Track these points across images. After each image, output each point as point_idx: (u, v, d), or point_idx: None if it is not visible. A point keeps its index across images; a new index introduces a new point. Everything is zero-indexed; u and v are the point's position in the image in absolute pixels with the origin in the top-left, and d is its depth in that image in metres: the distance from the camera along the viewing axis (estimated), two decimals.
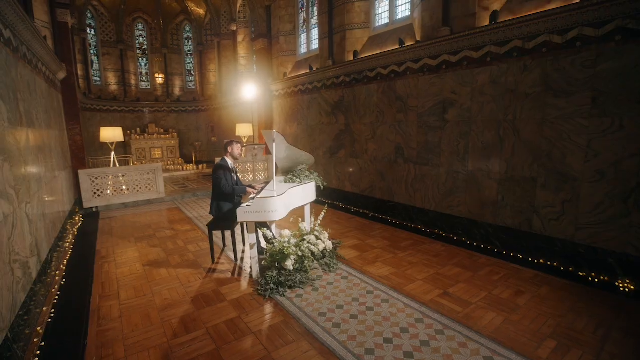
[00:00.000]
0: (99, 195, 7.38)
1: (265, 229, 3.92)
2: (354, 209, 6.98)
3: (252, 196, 4.05)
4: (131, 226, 6.20)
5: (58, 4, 6.50)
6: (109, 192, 7.55)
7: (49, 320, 3.17)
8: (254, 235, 3.81)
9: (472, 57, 4.66)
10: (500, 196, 4.55)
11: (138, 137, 13.55)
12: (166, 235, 5.64)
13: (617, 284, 3.47)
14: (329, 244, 4.31)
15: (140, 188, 7.91)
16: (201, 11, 13.80)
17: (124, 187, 7.72)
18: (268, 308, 3.28)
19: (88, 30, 12.54)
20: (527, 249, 4.27)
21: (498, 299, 3.27)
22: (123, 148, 13.58)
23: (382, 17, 6.57)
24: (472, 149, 4.83)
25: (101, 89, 13.28)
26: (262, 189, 4.22)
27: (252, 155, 9.42)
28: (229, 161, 4.42)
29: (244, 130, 10.00)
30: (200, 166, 13.33)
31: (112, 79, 13.67)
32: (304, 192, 4.32)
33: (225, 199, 4.33)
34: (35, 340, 2.86)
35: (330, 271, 3.99)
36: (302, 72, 8.42)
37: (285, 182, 4.43)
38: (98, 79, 13.34)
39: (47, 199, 4.31)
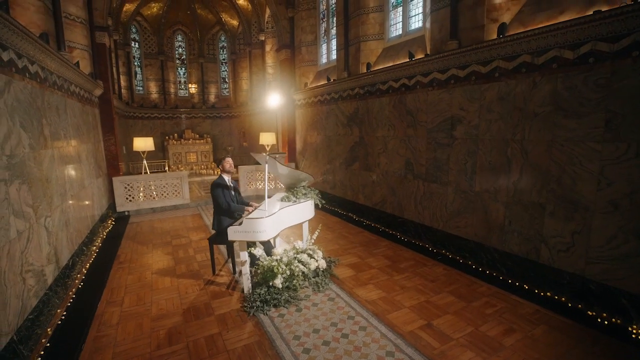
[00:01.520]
0: (130, 200, 8.05)
1: (252, 248, 4.03)
2: (366, 222, 6.91)
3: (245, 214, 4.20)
4: (152, 232, 6.69)
5: (97, 27, 7.20)
6: (140, 197, 8.21)
7: (59, 322, 3.56)
8: (245, 252, 3.95)
9: (480, 72, 4.41)
10: (507, 221, 4.26)
11: (175, 142, 14.50)
12: (180, 243, 6.01)
13: (630, 329, 3.11)
14: (322, 263, 4.33)
15: (168, 194, 8.50)
16: (234, 22, 14.41)
17: (153, 193, 8.34)
18: (248, 326, 3.39)
19: (132, 44, 13.66)
20: (534, 280, 3.96)
21: (484, 336, 3.09)
22: (162, 152, 14.63)
23: (397, 27, 6.43)
24: (479, 168, 4.57)
25: (143, 97, 14.41)
26: (257, 208, 4.34)
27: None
28: (226, 178, 4.61)
29: (267, 139, 10.29)
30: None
31: (153, 88, 14.78)
32: (299, 211, 4.38)
33: (225, 214, 4.53)
34: (43, 340, 3.23)
35: (319, 291, 4.02)
36: (322, 82, 8.48)
37: (282, 200, 4.53)
38: (141, 88, 14.49)
39: (72, 209, 4.82)
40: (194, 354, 3.00)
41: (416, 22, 5.98)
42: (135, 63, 14.07)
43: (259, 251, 4.07)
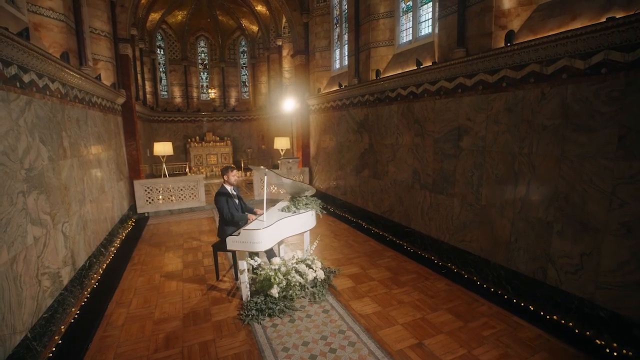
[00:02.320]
0: (150, 203, 8.45)
1: (249, 257, 4.11)
2: (374, 230, 6.85)
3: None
4: (167, 234, 6.99)
5: (120, 40, 7.60)
6: (159, 199, 8.59)
7: (72, 320, 3.83)
8: (244, 262, 4.05)
9: (488, 82, 4.26)
10: (514, 237, 4.09)
11: (196, 144, 15.01)
12: (191, 246, 6.24)
13: None
14: (320, 274, 4.36)
15: (184, 197, 8.83)
16: (254, 27, 14.70)
17: (172, 196, 8.70)
18: (241, 335, 3.48)
19: (158, 51, 14.29)
20: (540, 301, 3.78)
21: None
22: (184, 154, 15.19)
23: (407, 33, 6.32)
24: (485, 181, 4.42)
25: (167, 102, 15.03)
26: (257, 218, 4.43)
27: (287, 168, 9.79)
28: (228, 187, 4.72)
29: (281, 143, 10.43)
30: (247, 173, 14.24)
31: (177, 93, 15.38)
32: (299, 222, 4.42)
33: (229, 223, 4.66)
34: (56, 337, 3.48)
35: (315, 302, 4.04)
36: (334, 88, 8.49)
37: (283, 210, 4.59)
38: (165, 93, 15.12)
39: (90, 213, 5.13)
40: (187, 359, 3.13)
41: (426, 28, 5.85)
42: (161, 69, 14.70)
43: (257, 261, 4.16)
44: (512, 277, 4.11)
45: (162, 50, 14.73)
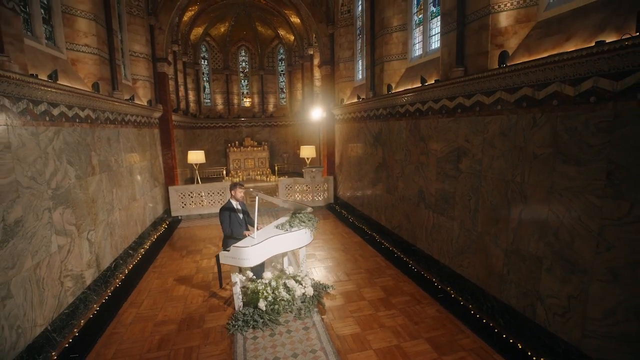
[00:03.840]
0: (183, 207, 9.27)
1: (239, 273, 4.40)
2: (385, 245, 6.79)
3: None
4: (192, 238, 7.64)
5: (158, 59, 8.45)
6: (191, 204, 9.39)
7: (91, 316, 4.47)
8: (236, 275, 4.36)
9: (484, 103, 4.06)
10: (506, 269, 3.86)
11: (235, 149, 15.94)
12: (209, 252, 6.77)
13: None
14: (310, 290, 4.51)
15: (214, 202, 9.52)
16: (290, 37, 15.16)
17: (203, 201, 9.45)
18: (224, 344, 3.78)
19: (202, 62, 15.45)
20: (529, 340, 3.53)
21: None
22: (224, 158, 16.22)
23: (420, 47, 6.16)
24: (481, 207, 4.21)
25: (210, 109, 16.17)
26: (255, 232, 4.71)
27: (311, 177, 10.04)
28: (234, 202, 5.06)
29: (307, 152, 10.70)
30: (281, 177, 14.78)
31: (219, 100, 16.46)
32: (290, 240, 4.58)
33: (229, 236, 5.00)
34: (75, 330, 4.12)
35: (299, 318, 4.21)
36: (355, 100, 8.52)
37: (278, 227, 4.82)
38: (208, 100, 16.28)
39: (119, 220, 5.86)
40: None
41: (435, 42, 5.66)
42: (204, 78, 15.87)
43: (248, 274, 4.45)
44: (504, 311, 3.88)
45: (205, 60, 15.88)
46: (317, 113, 11.07)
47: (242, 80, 17.12)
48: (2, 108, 3.20)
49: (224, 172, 14.49)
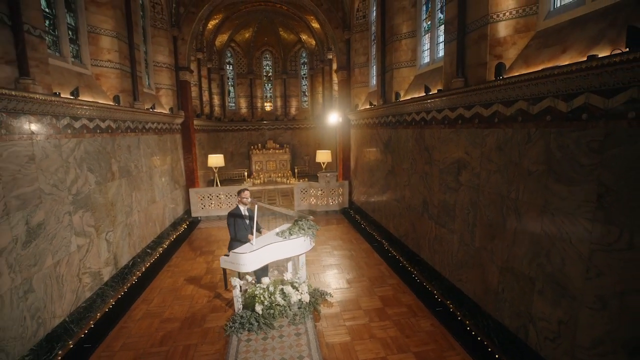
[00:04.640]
0: (202, 208, 9.74)
1: (237, 277, 4.59)
2: (391, 253, 6.76)
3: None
4: (207, 239, 8.02)
5: (180, 68, 8.94)
6: (211, 205, 9.83)
7: (107, 310, 4.88)
8: (236, 278, 4.57)
9: (483, 115, 3.96)
10: (501, 287, 3.75)
11: (258, 151, 16.38)
12: (221, 253, 7.02)
13: None
14: (306, 297, 4.62)
15: (232, 204, 9.90)
16: (312, 41, 15.33)
17: (222, 202, 9.87)
18: (219, 344, 3.99)
19: (227, 67, 16.03)
20: None
21: None
22: (247, 160, 16.72)
23: (428, 54, 6.07)
24: (479, 221, 4.11)
25: (234, 112, 16.73)
26: (254, 239, 4.89)
27: (326, 182, 10.14)
28: (242, 208, 5.26)
29: (323, 157, 10.82)
30: (301, 180, 15.00)
31: (243, 104, 16.99)
32: (288, 247, 4.72)
33: (234, 240, 5.24)
34: (91, 322, 4.53)
35: (294, 324, 4.34)
36: (367, 106, 8.52)
37: (278, 234, 4.97)
38: (233, 104, 16.85)
39: (137, 221, 6.30)
40: (169, 358, 3.77)
41: (443, 50, 5.55)
42: (229, 83, 16.46)
43: (248, 279, 4.65)
44: (498, 330, 3.78)
45: (230, 65, 16.45)
46: (333, 118, 11.16)
47: (266, 84, 17.54)
48: (27, 125, 3.61)
49: (246, 174, 14.94)
